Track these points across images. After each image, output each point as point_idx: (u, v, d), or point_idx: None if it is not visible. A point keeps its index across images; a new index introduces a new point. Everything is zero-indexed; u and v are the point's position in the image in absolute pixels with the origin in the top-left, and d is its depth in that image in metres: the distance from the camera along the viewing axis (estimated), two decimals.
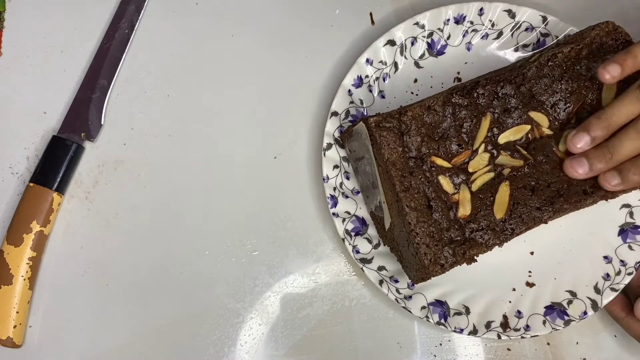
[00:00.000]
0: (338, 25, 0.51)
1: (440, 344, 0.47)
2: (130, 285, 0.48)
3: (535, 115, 0.43)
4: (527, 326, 0.45)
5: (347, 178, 0.47)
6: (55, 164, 0.47)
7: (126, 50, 0.50)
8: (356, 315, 0.48)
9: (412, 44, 0.48)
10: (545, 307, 0.46)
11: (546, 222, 0.43)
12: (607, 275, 0.46)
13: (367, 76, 0.48)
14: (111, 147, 0.50)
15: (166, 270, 0.48)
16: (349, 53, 0.51)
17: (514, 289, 0.46)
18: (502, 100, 0.43)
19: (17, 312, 0.45)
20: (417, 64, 0.49)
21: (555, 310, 0.45)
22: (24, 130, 0.49)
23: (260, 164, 0.49)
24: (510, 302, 0.46)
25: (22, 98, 0.50)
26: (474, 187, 0.42)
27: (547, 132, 0.43)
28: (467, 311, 0.45)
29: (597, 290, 0.46)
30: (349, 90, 0.47)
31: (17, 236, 0.46)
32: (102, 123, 0.49)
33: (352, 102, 0.47)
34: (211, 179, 0.49)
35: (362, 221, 0.47)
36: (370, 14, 0.51)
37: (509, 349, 0.48)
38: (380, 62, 0.48)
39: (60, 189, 0.47)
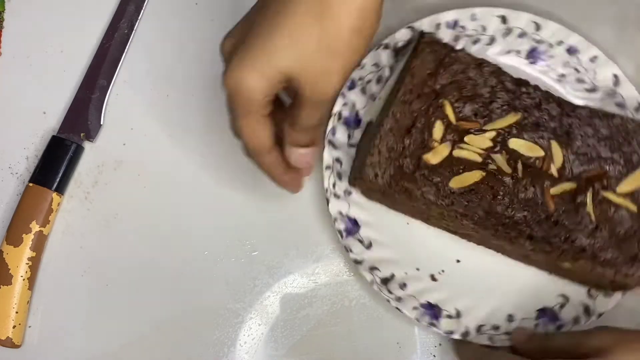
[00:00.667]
0: None
1: (440, 344, 0.47)
2: (130, 286, 0.48)
3: (556, 149, 0.42)
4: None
5: (340, 179, 0.47)
6: (54, 164, 0.47)
7: (126, 50, 0.50)
8: (356, 315, 0.48)
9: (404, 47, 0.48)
10: (537, 311, 0.45)
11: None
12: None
13: (360, 78, 0.48)
14: (111, 147, 0.50)
15: (166, 270, 0.48)
16: None
17: (505, 294, 0.46)
18: (540, 114, 0.43)
19: (17, 312, 0.45)
20: None
21: (546, 314, 0.45)
22: (24, 130, 0.49)
23: None
24: (502, 307, 0.46)
25: (22, 98, 0.50)
26: (456, 153, 0.42)
27: (553, 171, 0.42)
28: (458, 314, 0.45)
29: (590, 295, 0.45)
30: (342, 93, 0.47)
31: (17, 236, 0.46)
32: (102, 123, 0.49)
33: (345, 104, 0.47)
34: (211, 179, 0.49)
35: (354, 222, 0.47)
36: None
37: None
38: (375, 64, 0.48)
39: (60, 189, 0.47)
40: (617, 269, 0.40)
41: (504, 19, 0.48)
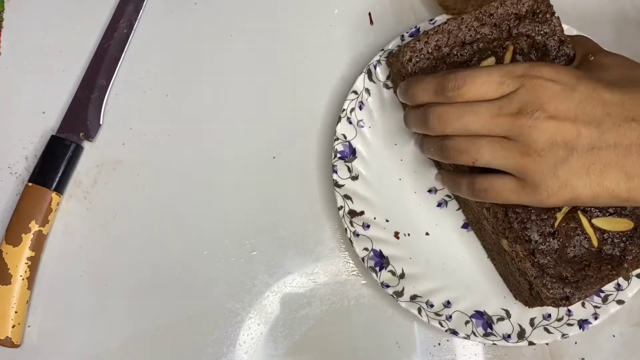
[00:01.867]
0: (337, 25, 0.51)
1: (439, 344, 0.47)
2: (129, 285, 0.48)
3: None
4: (450, 317, 0.45)
5: (360, 108, 0.47)
6: (54, 164, 0.47)
7: (125, 50, 0.50)
8: (355, 315, 0.48)
9: None
10: (474, 311, 0.45)
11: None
12: (549, 315, 0.45)
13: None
14: (110, 147, 0.50)
15: (165, 270, 0.48)
16: (347, 53, 0.51)
17: (455, 284, 0.46)
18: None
19: (16, 312, 0.45)
20: None
21: (482, 318, 0.45)
22: (23, 130, 0.49)
23: (259, 163, 0.49)
24: (444, 290, 0.46)
25: (21, 98, 0.50)
26: None
27: None
28: (402, 276, 0.46)
29: (531, 323, 0.45)
30: (402, 36, 0.47)
31: (16, 236, 0.46)
32: (101, 123, 0.49)
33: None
34: (210, 179, 0.49)
35: (353, 150, 0.47)
36: (369, 13, 0.51)
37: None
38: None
39: (59, 189, 0.47)
40: (542, 275, 0.40)
41: None
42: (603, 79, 0.36)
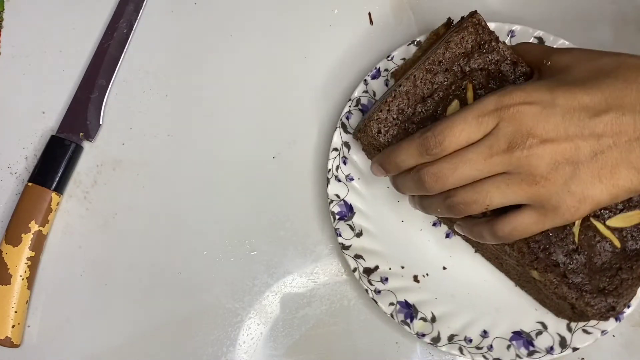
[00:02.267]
0: (337, 25, 0.51)
1: None
2: (129, 285, 0.48)
3: None
4: (491, 346, 0.45)
5: (345, 164, 0.47)
6: (53, 164, 0.47)
7: (125, 50, 0.50)
8: (355, 314, 0.48)
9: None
10: (512, 332, 0.45)
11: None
12: None
13: (386, 70, 0.47)
14: (110, 147, 0.50)
15: (165, 270, 0.48)
16: (347, 53, 0.51)
17: (485, 310, 0.46)
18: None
19: (16, 312, 0.45)
20: None
21: (522, 338, 0.45)
22: (23, 129, 0.50)
23: (259, 163, 0.49)
24: (478, 320, 0.45)
25: (21, 98, 0.50)
26: None
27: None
28: (433, 319, 0.45)
29: (569, 328, 0.45)
30: (365, 80, 0.47)
31: (16, 236, 0.46)
32: (101, 123, 0.49)
33: (365, 92, 0.47)
34: (210, 179, 0.49)
35: (350, 207, 0.47)
36: (369, 13, 0.51)
37: None
38: (402, 59, 0.48)
39: (59, 189, 0.47)
40: (582, 295, 0.40)
41: (540, 41, 0.47)
42: (573, 81, 0.36)
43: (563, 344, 0.44)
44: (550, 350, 0.44)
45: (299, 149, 0.50)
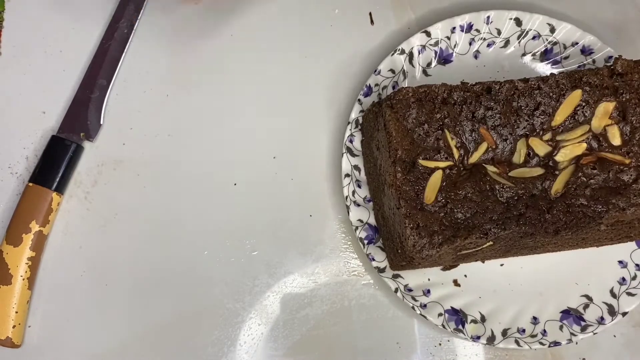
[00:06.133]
0: (337, 25, 0.51)
1: (440, 344, 0.47)
2: (129, 285, 0.48)
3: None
4: (544, 331, 0.45)
5: (359, 187, 0.47)
6: (54, 164, 0.47)
7: (125, 50, 0.50)
8: (355, 315, 0.48)
9: (420, 52, 0.48)
10: (561, 312, 0.45)
11: None
12: (623, 279, 0.46)
13: (376, 84, 0.48)
14: (110, 147, 0.50)
15: (165, 270, 0.48)
16: (347, 53, 0.51)
17: (529, 297, 0.46)
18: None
19: (16, 312, 0.45)
20: (425, 72, 0.49)
21: (571, 315, 0.45)
22: (23, 130, 0.49)
23: (259, 163, 0.49)
24: (525, 309, 0.46)
25: (22, 98, 0.50)
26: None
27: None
28: (483, 319, 0.45)
29: (613, 294, 0.45)
30: (358, 99, 0.48)
31: (17, 236, 0.46)
32: (102, 123, 0.49)
33: (361, 111, 0.47)
34: (210, 179, 0.49)
35: (375, 229, 0.47)
36: (370, 13, 0.51)
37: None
38: (390, 70, 0.48)
39: (60, 189, 0.47)
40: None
41: (518, 21, 0.48)
42: None
43: (612, 311, 0.45)
44: (601, 320, 0.45)
45: (300, 148, 0.50)
